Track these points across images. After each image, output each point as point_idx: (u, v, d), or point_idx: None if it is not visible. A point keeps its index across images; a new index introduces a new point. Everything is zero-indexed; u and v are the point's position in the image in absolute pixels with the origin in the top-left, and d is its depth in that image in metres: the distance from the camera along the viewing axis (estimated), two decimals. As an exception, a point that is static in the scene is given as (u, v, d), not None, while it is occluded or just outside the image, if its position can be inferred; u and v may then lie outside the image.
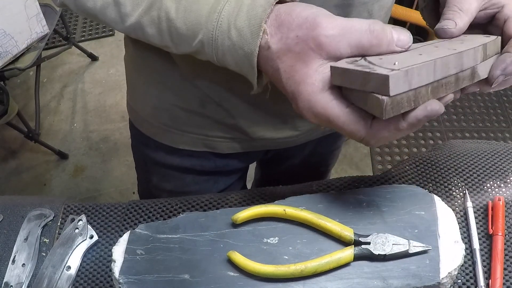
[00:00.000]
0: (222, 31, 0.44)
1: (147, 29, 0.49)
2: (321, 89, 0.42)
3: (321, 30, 0.41)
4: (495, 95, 2.15)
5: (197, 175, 0.78)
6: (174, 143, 0.73)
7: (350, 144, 1.96)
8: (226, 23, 0.44)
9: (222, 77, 0.60)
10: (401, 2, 2.00)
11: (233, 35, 0.43)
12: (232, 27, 0.43)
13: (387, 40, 0.41)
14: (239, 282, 0.49)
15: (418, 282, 0.48)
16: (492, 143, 0.69)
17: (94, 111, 2.13)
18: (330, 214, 0.53)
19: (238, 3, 0.44)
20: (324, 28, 0.41)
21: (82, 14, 0.54)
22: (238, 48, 0.44)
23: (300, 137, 0.74)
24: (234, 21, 0.43)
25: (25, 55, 1.62)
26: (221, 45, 0.45)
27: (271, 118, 0.68)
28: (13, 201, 0.63)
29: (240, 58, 0.44)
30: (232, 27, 0.43)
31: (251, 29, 0.42)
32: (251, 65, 0.44)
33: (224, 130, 0.70)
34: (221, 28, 0.44)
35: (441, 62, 0.40)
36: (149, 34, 0.50)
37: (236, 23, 0.43)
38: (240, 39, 0.43)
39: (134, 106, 0.75)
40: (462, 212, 0.58)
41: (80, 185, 1.88)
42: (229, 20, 0.44)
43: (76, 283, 0.55)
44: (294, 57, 0.42)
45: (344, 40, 0.41)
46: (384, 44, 0.41)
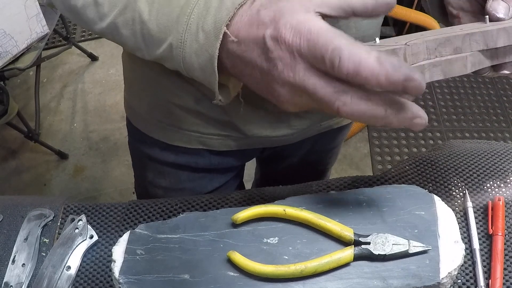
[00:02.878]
0: (191, 33, 0.44)
1: (121, 30, 0.49)
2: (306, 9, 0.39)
3: None
4: (495, 95, 2.15)
5: (192, 172, 0.79)
6: (169, 140, 0.74)
7: (350, 144, 1.96)
8: (195, 26, 0.44)
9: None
10: (401, 2, 2.00)
11: (201, 38, 0.43)
12: (200, 30, 0.43)
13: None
14: (239, 282, 0.49)
15: (418, 282, 0.48)
16: (492, 143, 0.69)
17: (94, 111, 2.13)
18: (330, 214, 0.53)
19: (206, 6, 0.43)
20: None
21: (66, 13, 0.54)
22: (204, 51, 0.43)
23: (295, 135, 0.74)
24: (202, 24, 0.43)
25: (25, 55, 1.62)
26: (189, 47, 0.44)
27: (265, 116, 0.68)
28: (13, 201, 0.63)
29: (204, 61, 0.44)
30: (200, 29, 0.43)
31: (215, 31, 0.42)
32: (212, 67, 0.43)
33: (218, 127, 0.70)
34: (190, 31, 0.44)
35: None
36: (123, 35, 0.50)
37: (204, 26, 0.43)
38: (206, 41, 0.43)
39: (131, 103, 0.76)
40: (462, 212, 0.58)
41: (80, 185, 1.88)
42: (198, 23, 0.43)
43: (76, 283, 0.55)
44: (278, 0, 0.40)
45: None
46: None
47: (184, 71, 0.47)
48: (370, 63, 0.35)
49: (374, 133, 2.01)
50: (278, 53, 0.39)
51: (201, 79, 0.46)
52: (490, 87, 2.19)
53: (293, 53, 0.39)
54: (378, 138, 1.99)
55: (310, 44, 0.37)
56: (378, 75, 0.35)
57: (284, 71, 0.40)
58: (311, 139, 0.81)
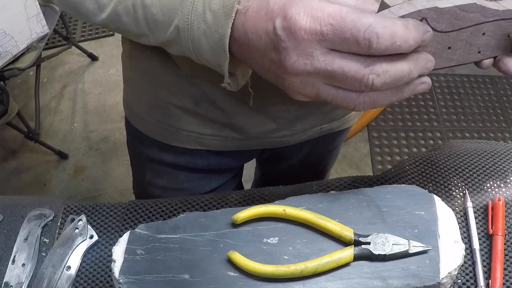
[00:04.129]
0: (197, 14, 0.43)
1: (123, 18, 0.48)
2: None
3: None
4: (495, 95, 2.15)
5: (190, 172, 0.78)
6: (168, 140, 0.74)
7: (350, 144, 1.96)
8: (201, 6, 0.43)
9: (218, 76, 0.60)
10: (401, 2, 2.00)
11: (208, 18, 0.42)
12: (207, 10, 0.42)
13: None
14: (239, 282, 0.49)
15: (418, 282, 0.48)
16: (492, 143, 0.69)
17: (94, 111, 2.13)
18: (330, 214, 0.53)
19: None
20: None
21: (64, 7, 0.53)
22: (213, 31, 0.42)
23: (294, 137, 0.74)
24: (209, 3, 0.42)
25: (25, 55, 1.62)
26: (196, 29, 0.43)
27: (264, 118, 0.68)
28: (13, 201, 0.63)
29: (215, 42, 0.42)
30: (207, 9, 0.42)
31: (224, 10, 0.41)
32: (223, 48, 0.42)
33: (217, 128, 0.70)
34: (196, 12, 0.43)
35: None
36: (125, 23, 0.49)
37: (211, 5, 0.42)
38: (215, 21, 0.42)
39: (130, 103, 0.76)
40: (462, 212, 0.58)
41: (80, 185, 1.88)
42: (204, 2, 0.42)
43: (76, 283, 0.55)
44: None
45: None
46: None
47: (194, 54, 0.46)
48: (401, 32, 0.37)
49: (374, 133, 2.01)
50: (292, 43, 0.38)
51: (211, 62, 0.45)
52: (490, 87, 2.19)
53: (312, 41, 0.38)
54: (378, 138, 1.99)
55: (335, 28, 0.37)
56: (408, 39, 0.37)
57: (300, 60, 0.39)
58: (311, 141, 0.81)
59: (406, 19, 0.38)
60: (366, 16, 0.37)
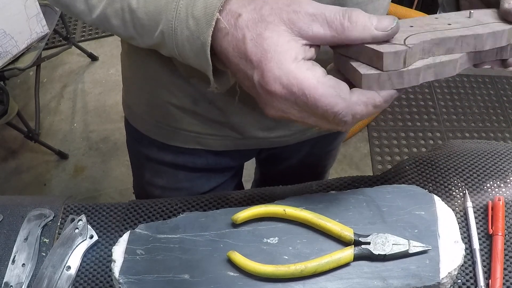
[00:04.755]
0: (180, 20, 0.43)
1: (112, 20, 0.49)
2: (294, 58, 0.40)
3: (297, 6, 0.40)
4: (495, 95, 2.15)
5: (189, 171, 0.79)
6: (167, 139, 0.74)
7: (350, 144, 1.96)
8: (184, 13, 0.43)
9: None
10: (401, 2, 2.00)
11: (191, 25, 0.42)
12: (189, 17, 0.42)
13: (361, 24, 0.40)
14: (239, 282, 0.49)
15: (418, 282, 0.48)
16: (492, 143, 0.69)
17: (94, 111, 2.13)
18: (330, 214, 0.53)
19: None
20: (301, 4, 0.40)
21: (57, 6, 0.54)
22: (195, 38, 0.42)
23: (293, 136, 0.74)
24: (191, 10, 0.42)
25: (25, 55, 1.62)
26: (180, 35, 0.44)
27: (263, 117, 0.68)
28: (13, 201, 0.63)
29: (198, 48, 0.43)
30: (190, 16, 0.42)
31: (206, 18, 0.41)
32: (205, 55, 0.42)
33: (216, 128, 0.70)
34: (179, 18, 0.43)
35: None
36: (114, 25, 0.49)
37: (194, 12, 0.42)
38: (197, 28, 0.42)
39: (129, 102, 0.76)
40: (462, 212, 0.58)
41: (80, 185, 1.88)
42: (187, 9, 0.43)
43: (76, 283, 0.55)
44: (264, 26, 0.40)
45: (317, 19, 0.40)
46: (358, 28, 0.40)
47: (179, 58, 0.46)
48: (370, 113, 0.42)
49: (374, 133, 2.01)
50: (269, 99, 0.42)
51: (197, 66, 0.45)
52: (490, 87, 2.19)
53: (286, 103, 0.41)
54: (378, 138, 1.99)
55: (308, 104, 0.40)
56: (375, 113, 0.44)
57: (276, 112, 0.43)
58: (310, 142, 0.81)
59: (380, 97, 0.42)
60: (337, 104, 0.40)
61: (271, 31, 0.40)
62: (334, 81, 0.41)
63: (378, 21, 0.41)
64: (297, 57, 0.40)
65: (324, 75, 0.41)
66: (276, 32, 0.40)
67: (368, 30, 0.40)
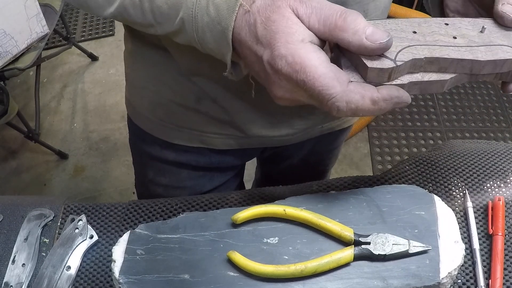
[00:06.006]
0: (201, 7, 0.44)
1: (131, 11, 0.50)
2: (301, 40, 0.41)
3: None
4: (495, 95, 2.15)
5: (192, 170, 0.79)
6: (170, 138, 0.74)
7: (350, 144, 1.96)
8: (205, 0, 0.44)
9: (219, 74, 0.61)
10: (401, 2, 2.00)
11: (211, 11, 0.44)
12: (210, 3, 0.44)
13: (353, 28, 0.41)
14: (239, 282, 0.49)
15: (418, 282, 0.48)
16: (492, 143, 0.69)
17: (94, 111, 2.13)
18: (330, 214, 0.53)
19: None
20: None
21: (75, 3, 0.54)
22: (216, 24, 0.44)
23: (296, 135, 0.74)
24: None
25: (25, 55, 1.62)
26: (200, 21, 0.45)
27: (267, 116, 0.68)
28: (13, 201, 0.63)
29: (218, 34, 0.44)
30: (211, 3, 0.44)
31: (228, 4, 0.43)
32: (226, 40, 0.44)
33: (219, 126, 0.70)
34: (200, 5, 0.44)
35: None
36: (132, 15, 0.50)
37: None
38: (217, 15, 0.43)
39: (132, 101, 0.76)
40: (462, 212, 0.58)
41: (80, 185, 1.88)
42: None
43: (76, 283, 0.55)
44: (274, 10, 0.42)
45: (316, 12, 0.41)
46: (349, 31, 0.41)
47: (199, 44, 0.47)
48: (366, 107, 0.42)
49: (374, 133, 2.01)
50: (276, 78, 0.43)
51: (216, 52, 0.47)
52: (490, 87, 2.19)
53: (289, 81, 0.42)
54: (378, 138, 1.99)
55: (307, 85, 0.41)
56: (373, 113, 0.42)
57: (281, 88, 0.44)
58: (312, 140, 0.81)
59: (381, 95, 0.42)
60: (334, 86, 0.41)
61: (278, 14, 0.41)
62: (336, 68, 0.42)
63: (371, 32, 0.41)
64: (304, 39, 0.41)
65: (327, 60, 0.42)
66: (282, 15, 0.41)
67: (358, 37, 0.41)
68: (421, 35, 0.45)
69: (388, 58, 0.42)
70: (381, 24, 0.45)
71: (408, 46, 0.43)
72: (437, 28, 0.46)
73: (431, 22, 0.46)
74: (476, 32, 0.46)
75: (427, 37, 0.45)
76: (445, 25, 0.46)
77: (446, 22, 0.47)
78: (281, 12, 0.41)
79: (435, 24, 0.46)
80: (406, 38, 0.44)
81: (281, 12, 0.41)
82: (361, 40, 0.41)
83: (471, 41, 0.45)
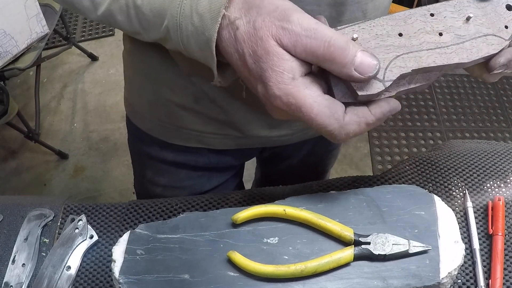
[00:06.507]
0: (185, 16, 0.44)
1: (117, 17, 0.50)
2: (292, 77, 0.41)
3: (285, 23, 0.40)
4: (495, 95, 2.15)
5: (191, 170, 0.79)
6: (169, 138, 0.74)
7: (350, 144, 1.96)
8: (188, 9, 0.44)
9: None
10: (401, 2, 2.00)
11: (195, 21, 0.43)
12: (194, 13, 0.43)
13: (342, 62, 0.40)
14: (239, 282, 0.49)
15: (418, 282, 0.48)
16: (492, 143, 0.69)
17: (94, 111, 2.13)
18: (330, 214, 0.53)
19: None
20: (290, 21, 0.40)
21: (62, 3, 0.55)
22: (200, 33, 0.43)
23: (295, 135, 0.74)
24: (196, 6, 0.43)
25: (25, 55, 1.62)
26: (185, 30, 0.45)
27: (265, 116, 0.68)
28: (13, 201, 0.63)
29: (203, 43, 0.44)
30: (194, 12, 0.43)
31: (211, 14, 0.42)
32: (210, 50, 0.43)
33: (218, 126, 0.70)
34: (184, 14, 0.44)
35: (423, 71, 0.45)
36: (119, 21, 0.50)
37: (198, 8, 0.43)
38: (201, 24, 0.43)
39: (131, 101, 0.76)
40: (462, 212, 0.58)
41: (80, 185, 1.88)
42: (191, 5, 0.44)
43: (76, 283, 0.55)
44: (257, 43, 0.41)
45: (301, 42, 0.40)
46: (338, 64, 0.41)
47: (185, 51, 0.47)
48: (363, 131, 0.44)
49: (374, 133, 2.01)
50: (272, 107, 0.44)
51: (202, 60, 0.46)
52: (490, 87, 2.19)
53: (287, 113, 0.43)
54: (378, 138, 1.99)
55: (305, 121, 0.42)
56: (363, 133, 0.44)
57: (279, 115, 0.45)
58: (311, 141, 0.81)
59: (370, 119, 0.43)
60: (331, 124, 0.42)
61: (263, 49, 0.41)
62: (330, 101, 0.42)
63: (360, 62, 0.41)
64: (294, 76, 0.41)
65: (321, 94, 0.42)
66: (267, 51, 0.41)
67: (347, 70, 0.41)
68: (406, 38, 0.44)
69: (376, 79, 0.43)
70: (366, 29, 0.45)
71: (395, 57, 0.44)
72: (422, 24, 0.45)
73: (416, 15, 0.45)
74: (461, 21, 0.45)
75: (412, 40, 0.44)
76: (430, 16, 0.46)
77: (432, 11, 0.46)
78: (265, 47, 0.40)
79: (420, 17, 0.45)
80: (393, 45, 0.44)
81: (265, 47, 0.40)
82: (351, 73, 0.41)
83: (457, 36, 0.45)
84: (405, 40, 0.44)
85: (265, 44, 0.41)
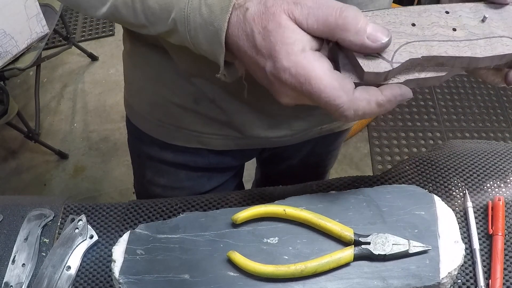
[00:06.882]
0: (193, 8, 0.44)
1: (123, 11, 0.49)
2: (302, 49, 0.41)
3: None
4: (495, 95, 2.15)
5: (190, 171, 0.79)
6: (168, 138, 0.74)
7: (350, 144, 1.96)
8: (197, 1, 0.44)
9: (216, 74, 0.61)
10: (401, 2, 2.00)
11: (204, 12, 0.43)
12: (202, 4, 0.43)
13: (355, 28, 0.40)
14: (239, 282, 0.49)
15: (418, 282, 0.48)
16: (492, 143, 0.69)
17: (94, 111, 2.13)
18: (330, 214, 0.53)
19: None
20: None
21: (66, 2, 0.54)
22: (209, 25, 0.43)
23: (294, 136, 0.74)
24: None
25: (25, 55, 1.62)
26: (193, 22, 0.44)
27: (265, 117, 0.68)
28: (13, 201, 0.63)
29: (211, 35, 0.44)
30: (203, 4, 0.43)
31: (221, 4, 0.42)
32: (219, 41, 0.43)
33: (217, 127, 0.70)
34: (192, 6, 0.44)
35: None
36: (125, 16, 0.50)
37: (207, 0, 0.43)
38: (210, 15, 0.43)
39: (130, 101, 0.76)
40: (462, 212, 0.58)
41: (80, 185, 1.88)
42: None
43: (76, 283, 0.55)
44: (269, 18, 0.41)
45: (313, 13, 0.41)
46: (351, 31, 0.40)
47: (192, 45, 0.47)
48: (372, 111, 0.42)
49: (374, 133, 2.01)
50: (280, 87, 0.43)
51: (209, 53, 0.46)
52: (490, 87, 2.19)
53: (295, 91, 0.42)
54: (378, 138, 1.99)
55: (313, 96, 0.41)
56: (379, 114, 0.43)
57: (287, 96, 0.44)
58: (312, 142, 0.81)
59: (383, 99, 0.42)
60: (340, 97, 0.41)
61: (274, 23, 0.41)
62: (340, 75, 0.42)
63: (372, 30, 0.41)
64: (304, 48, 0.41)
65: (331, 68, 0.41)
66: (279, 23, 0.41)
67: (360, 37, 0.41)
68: (419, 29, 0.44)
69: (384, 59, 0.42)
70: (380, 16, 0.44)
71: (406, 43, 0.43)
72: (437, 19, 0.45)
73: (431, 11, 0.45)
74: (477, 21, 0.45)
75: (425, 31, 0.44)
76: (445, 13, 0.45)
77: (447, 9, 0.45)
78: (277, 20, 0.41)
79: (435, 13, 0.45)
80: (405, 32, 0.44)
81: (277, 20, 0.41)
82: (363, 40, 0.41)
83: (471, 33, 0.44)
84: (418, 29, 0.44)
85: (278, 18, 0.41)
